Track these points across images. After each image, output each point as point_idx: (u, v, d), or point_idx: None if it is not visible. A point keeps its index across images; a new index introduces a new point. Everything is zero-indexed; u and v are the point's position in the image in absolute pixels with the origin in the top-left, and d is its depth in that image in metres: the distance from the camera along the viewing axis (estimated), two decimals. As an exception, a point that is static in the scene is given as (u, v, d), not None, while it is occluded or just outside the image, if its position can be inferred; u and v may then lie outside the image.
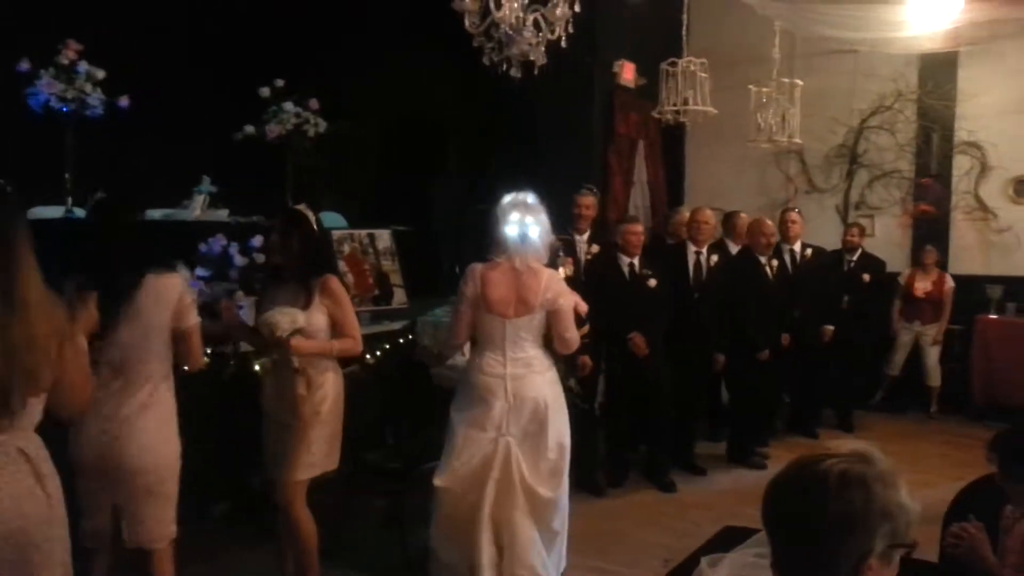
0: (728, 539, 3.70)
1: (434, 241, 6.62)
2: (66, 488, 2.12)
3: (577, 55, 5.44)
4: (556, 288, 3.36)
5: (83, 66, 4.22)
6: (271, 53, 5.48)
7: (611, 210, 6.74)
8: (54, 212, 4.36)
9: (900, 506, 1.29)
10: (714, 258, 5.51)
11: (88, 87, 4.23)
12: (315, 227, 3.31)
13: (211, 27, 5.47)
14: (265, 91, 5.18)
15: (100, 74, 4.27)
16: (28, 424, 1.99)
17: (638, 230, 5.23)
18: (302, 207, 3.36)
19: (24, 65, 4.17)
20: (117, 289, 2.70)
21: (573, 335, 3.40)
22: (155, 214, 4.82)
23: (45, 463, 2.02)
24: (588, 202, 5.14)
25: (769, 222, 5.97)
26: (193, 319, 2.89)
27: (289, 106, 5.18)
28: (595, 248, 5.22)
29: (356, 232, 5.33)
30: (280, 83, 5.18)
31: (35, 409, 1.99)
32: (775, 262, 5.96)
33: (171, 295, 2.83)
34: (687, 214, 5.98)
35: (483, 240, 3.47)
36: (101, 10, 4.74)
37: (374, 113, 6.45)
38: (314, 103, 5.29)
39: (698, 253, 5.50)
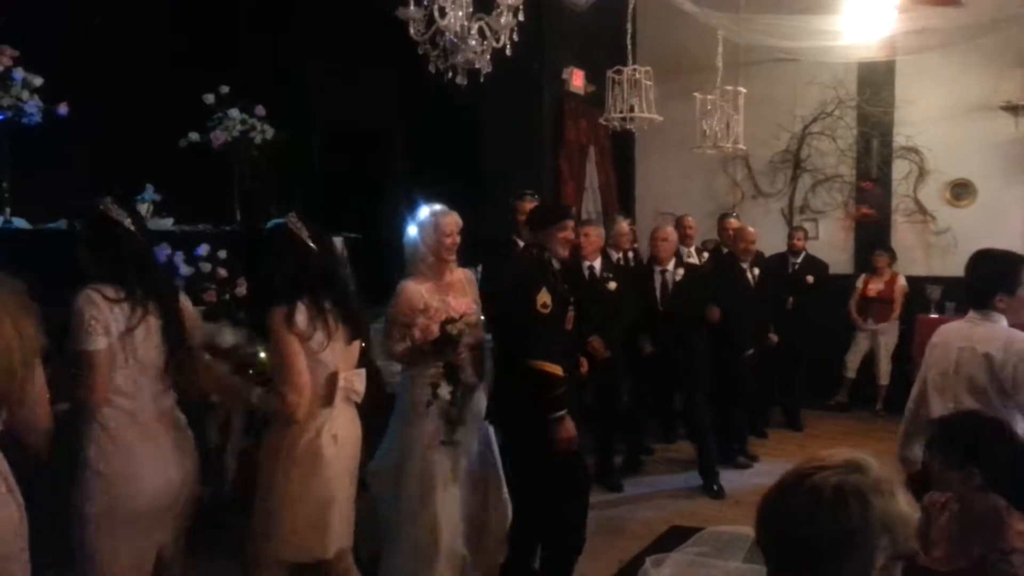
0: (675, 538, 3.77)
1: (384, 248, 6.56)
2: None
3: (526, 62, 5.48)
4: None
5: (19, 73, 4.10)
6: (215, 60, 5.40)
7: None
8: (-8, 223, 4.24)
9: (900, 515, 1.23)
10: (680, 272, 5.48)
11: (25, 94, 4.10)
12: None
13: (153, 33, 5.37)
14: (210, 98, 5.10)
15: (37, 81, 4.16)
16: None
17: (590, 232, 5.24)
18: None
19: (-44, 73, 4.05)
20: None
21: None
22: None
23: (10, 477, 2.02)
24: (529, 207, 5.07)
25: (751, 229, 6.11)
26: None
27: (235, 113, 5.10)
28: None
29: (306, 240, 5.27)
30: (225, 90, 5.11)
31: None
32: (756, 269, 6.08)
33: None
34: (625, 224, 6.05)
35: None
36: (37, 16, 4.62)
37: (321, 120, 6.40)
38: (260, 110, 5.22)
39: (663, 272, 5.46)
